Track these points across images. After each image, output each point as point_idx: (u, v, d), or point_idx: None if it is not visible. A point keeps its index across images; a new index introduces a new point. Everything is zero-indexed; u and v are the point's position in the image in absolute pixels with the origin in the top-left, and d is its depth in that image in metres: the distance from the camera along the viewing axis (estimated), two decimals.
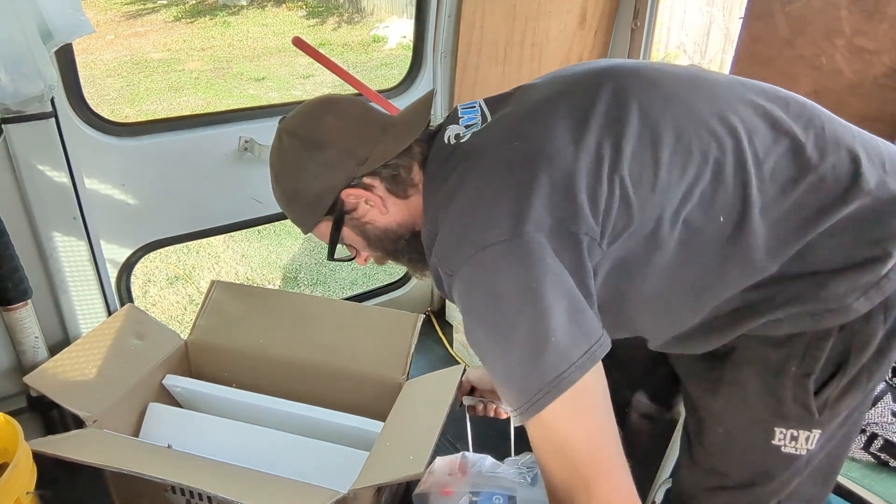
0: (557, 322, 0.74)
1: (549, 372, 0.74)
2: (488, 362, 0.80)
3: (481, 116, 0.94)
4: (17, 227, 1.32)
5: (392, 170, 0.94)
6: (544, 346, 0.74)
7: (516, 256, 0.75)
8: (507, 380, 0.78)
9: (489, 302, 0.77)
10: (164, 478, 0.99)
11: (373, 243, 1.01)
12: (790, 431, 0.90)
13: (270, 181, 1.00)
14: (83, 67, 3.82)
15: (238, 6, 7.98)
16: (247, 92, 5.81)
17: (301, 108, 0.98)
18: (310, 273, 3.27)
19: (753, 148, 0.83)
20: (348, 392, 1.40)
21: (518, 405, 0.77)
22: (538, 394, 0.74)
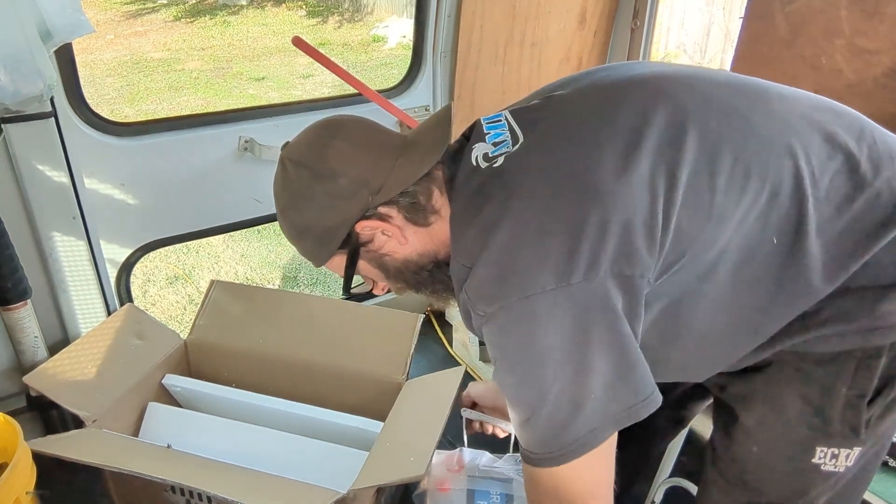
0: (601, 379, 0.71)
1: (580, 429, 0.72)
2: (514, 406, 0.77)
3: (510, 132, 0.86)
4: (17, 226, 1.32)
5: (410, 197, 0.86)
6: (581, 404, 0.71)
7: (563, 308, 0.71)
8: (531, 427, 0.75)
9: (527, 353, 0.73)
10: (163, 478, 0.99)
11: (392, 276, 0.94)
12: (832, 450, 0.86)
13: (276, 213, 0.93)
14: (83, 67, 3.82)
15: (238, 6, 7.98)
16: (247, 92, 5.81)
17: (305, 135, 0.90)
18: (310, 273, 3.26)
19: (810, 166, 0.78)
20: (348, 392, 1.40)
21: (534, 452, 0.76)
22: (560, 450, 0.73)
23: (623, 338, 0.72)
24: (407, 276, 0.94)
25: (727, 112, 0.80)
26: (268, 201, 1.67)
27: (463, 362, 2.00)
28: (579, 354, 0.71)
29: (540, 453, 0.76)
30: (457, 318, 2.10)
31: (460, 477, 1.21)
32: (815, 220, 0.77)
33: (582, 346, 0.71)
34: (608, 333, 0.71)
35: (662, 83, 0.83)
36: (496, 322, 0.75)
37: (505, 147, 0.84)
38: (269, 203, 1.73)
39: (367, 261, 0.92)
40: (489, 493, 1.18)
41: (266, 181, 1.60)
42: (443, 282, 0.92)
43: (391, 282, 0.96)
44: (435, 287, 0.95)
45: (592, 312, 0.71)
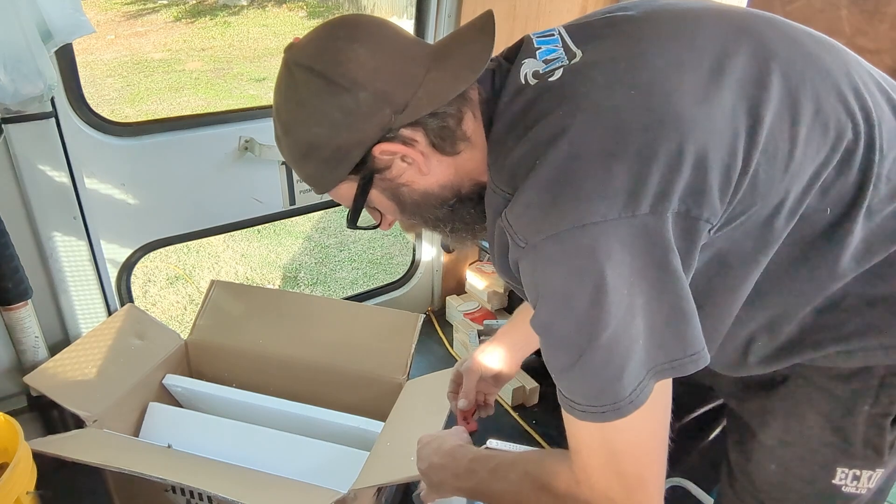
0: (651, 325, 0.63)
1: (631, 382, 0.64)
2: (556, 350, 0.67)
3: (564, 50, 0.74)
4: (17, 226, 1.32)
5: (440, 120, 0.73)
6: (632, 352, 0.63)
7: (623, 243, 0.61)
8: (577, 375, 0.66)
9: (577, 291, 0.62)
10: (164, 477, 0.99)
11: (408, 210, 0.81)
12: (853, 472, 0.81)
13: (276, 128, 0.78)
14: (83, 67, 3.82)
15: (238, 6, 7.98)
16: (247, 92, 5.81)
17: (316, 35, 0.74)
18: (310, 273, 3.26)
19: (881, 139, 0.70)
20: (348, 392, 1.40)
21: (578, 403, 0.67)
22: (610, 405, 0.65)
23: (680, 284, 0.63)
24: (424, 211, 0.81)
25: (810, 59, 0.71)
26: (268, 201, 1.68)
27: None
28: (633, 297, 0.61)
29: (584, 405, 0.66)
30: (457, 318, 2.10)
31: None
32: (869, 199, 0.69)
33: (638, 287, 0.61)
34: (667, 276, 0.62)
35: (744, 15, 0.74)
36: (542, 254, 0.64)
37: (559, 63, 0.72)
38: (269, 203, 1.74)
39: (380, 190, 0.79)
40: None
41: (267, 181, 1.60)
42: (464, 220, 0.81)
43: (404, 217, 0.83)
44: (454, 225, 0.83)
45: (654, 251, 0.62)
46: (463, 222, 0.83)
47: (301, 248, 3.49)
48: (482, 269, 2.19)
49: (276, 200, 1.69)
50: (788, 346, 0.78)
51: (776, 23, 0.75)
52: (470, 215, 0.81)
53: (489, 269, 2.18)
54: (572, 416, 0.69)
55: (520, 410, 1.77)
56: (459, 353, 2.04)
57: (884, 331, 0.74)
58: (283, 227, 3.59)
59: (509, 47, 0.81)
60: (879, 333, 0.74)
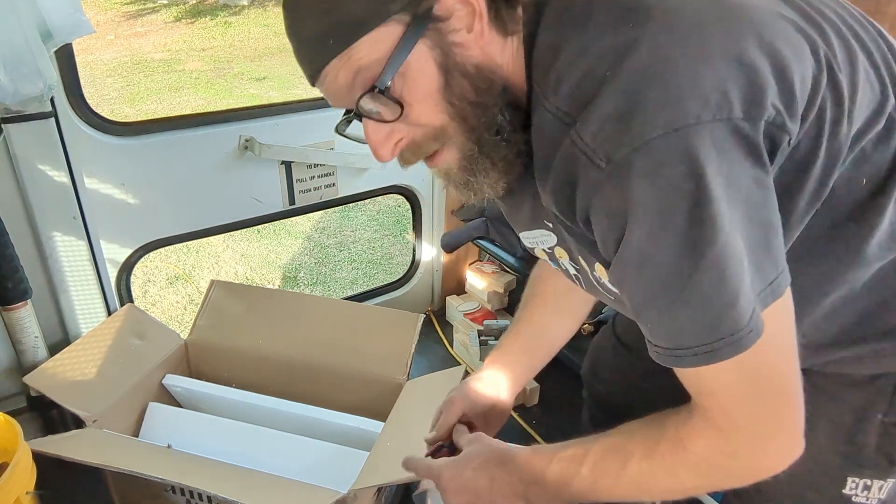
0: (751, 239, 0.56)
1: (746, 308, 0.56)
2: (655, 285, 0.58)
3: None
4: (17, 226, 1.32)
5: None
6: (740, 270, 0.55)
7: (720, 148, 0.54)
8: (684, 312, 0.57)
9: (674, 205, 0.54)
10: (164, 478, 0.99)
11: (454, 86, 0.63)
12: (864, 481, 0.79)
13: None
14: (83, 67, 3.82)
15: (239, 6, 7.98)
16: (247, 91, 5.81)
17: None
18: (310, 273, 3.26)
19: None
20: (348, 392, 1.40)
21: (689, 349, 0.58)
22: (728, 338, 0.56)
23: (772, 196, 0.57)
24: (471, 93, 0.63)
25: (849, 20, 0.67)
26: (268, 200, 1.68)
27: (463, 362, 2.00)
28: (732, 208, 0.54)
29: (696, 346, 0.58)
30: (457, 318, 2.10)
31: None
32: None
33: (735, 198, 0.55)
34: (760, 187, 0.56)
35: None
36: (630, 170, 0.55)
37: None
38: (269, 203, 1.74)
39: (428, 47, 0.62)
40: None
41: (266, 180, 1.60)
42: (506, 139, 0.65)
43: (442, 98, 0.63)
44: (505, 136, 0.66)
45: (749, 158, 0.55)
46: (504, 142, 0.66)
47: (301, 248, 3.49)
48: (482, 269, 2.19)
49: (276, 200, 1.69)
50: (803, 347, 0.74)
51: None
52: (513, 139, 0.65)
53: (489, 269, 2.18)
54: (686, 367, 0.60)
55: (520, 410, 1.77)
56: (459, 353, 2.04)
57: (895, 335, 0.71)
58: (283, 227, 3.59)
59: None
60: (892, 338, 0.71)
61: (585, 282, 0.79)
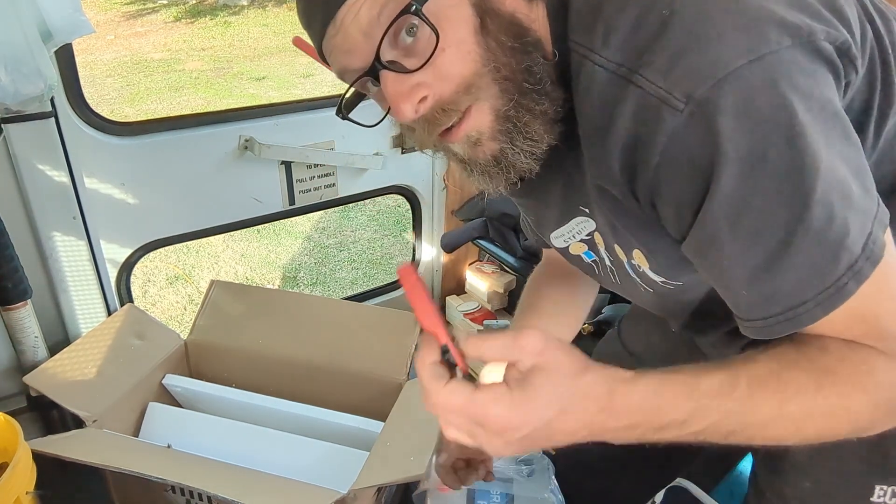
0: (853, 166, 0.53)
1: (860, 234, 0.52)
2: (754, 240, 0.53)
3: None
4: (17, 226, 1.32)
5: None
6: (847, 195, 0.52)
7: (807, 73, 0.51)
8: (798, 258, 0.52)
9: (768, 138, 0.50)
10: (164, 478, 0.98)
11: (491, 33, 0.57)
12: (892, 488, 0.78)
13: None
14: (83, 67, 3.82)
15: (239, 6, 7.98)
16: (247, 91, 5.81)
17: None
18: (309, 273, 3.26)
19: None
20: (348, 392, 1.40)
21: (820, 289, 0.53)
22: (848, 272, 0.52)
23: (850, 125, 0.54)
24: (510, 40, 0.58)
25: None
26: (268, 200, 1.68)
27: None
28: (830, 135, 0.51)
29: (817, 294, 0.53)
30: (457, 319, 2.10)
31: None
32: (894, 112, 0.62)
33: (830, 124, 0.52)
34: (840, 112, 0.53)
35: None
36: (714, 106, 0.50)
37: None
38: (269, 202, 1.74)
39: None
40: (489, 492, 1.18)
41: (266, 180, 1.60)
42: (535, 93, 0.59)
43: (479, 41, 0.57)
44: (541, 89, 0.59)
45: (837, 82, 0.53)
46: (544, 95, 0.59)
47: (301, 248, 3.49)
48: (482, 269, 2.19)
49: (276, 200, 1.69)
50: None
51: None
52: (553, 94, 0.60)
53: (489, 269, 2.18)
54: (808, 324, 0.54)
55: None
56: None
57: None
58: (283, 227, 3.59)
59: None
60: None
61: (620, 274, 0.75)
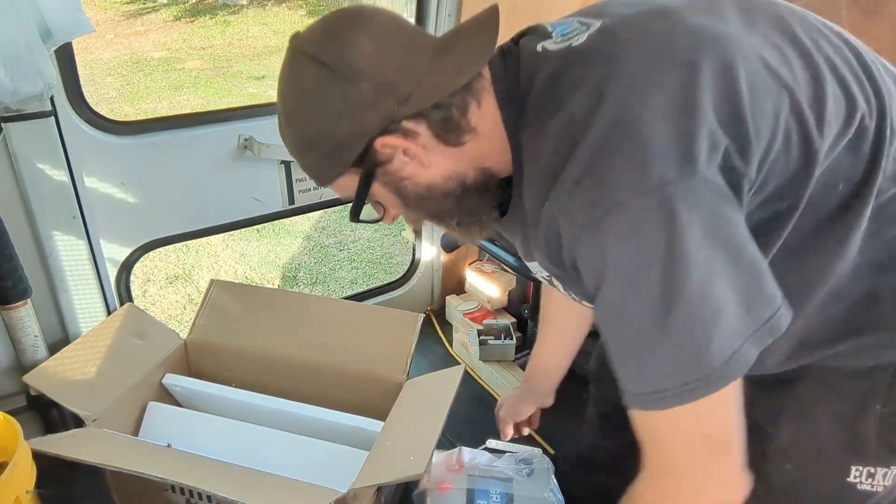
0: (734, 287, 0.59)
1: (721, 353, 0.60)
2: (630, 334, 0.63)
3: (579, 24, 0.73)
4: (17, 225, 1.32)
5: (444, 111, 0.71)
6: (718, 320, 0.59)
7: (688, 202, 0.57)
8: (659, 356, 0.62)
9: (648, 262, 0.59)
10: (163, 477, 0.98)
11: (411, 204, 0.78)
12: (867, 469, 0.81)
13: (279, 116, 0.79)
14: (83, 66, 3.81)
15: (238, 5, 7.97)
16: (247, 90, 5.81)
17: (322, 24, 0.73)
18: (309, 272, 3.26)
19: (892, 115, 0.69)
20: (348, 392, 1.40)
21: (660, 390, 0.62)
22: (699, 380, 0.60)
23: (749, 237, 0.61)
24: (429, 205, 0.78)
25: (821, 32, 0.71)
26: (267, 200, 1.68)
27: (463, 362, 2.00)
28: (710, 257, 0.58)
29: (668, 388, 0.62)
30: (456, 318, 2.10)
31: (460, 476, 1.21)
32: (879, 179, 0.67)
33: (712, 247, 0.58)
34: (737, 232, 0.60)
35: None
36: (604, 229, 0.60)
37: (578, 34, 0.70)
38: (269, 202, 1.74)
39: (382, 184, 0.77)
40: (489, 492, 1.18)
41: (266, 180, 1.60)
42: (470, 211, 0.78)
43: (408, 211, 0.80)
44: (460, 218, 0.79)
45: (721, 206, 0.59)
46: (469, 214, 0.79)
47: (300, 248, 3.48)
48: (482, 268, 2.19)
49: (276, 200, 1.69)
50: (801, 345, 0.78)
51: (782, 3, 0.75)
52: (476, 206, 0.78)
53: (489, 269, 2.18)
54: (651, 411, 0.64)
55: None
56: (459, 352, 2.04)
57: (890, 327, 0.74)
58: (283, 227, 3.59)
59: (518, 32, 0.80)
60: (888, 329, 0.74)
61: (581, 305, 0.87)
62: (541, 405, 1.33)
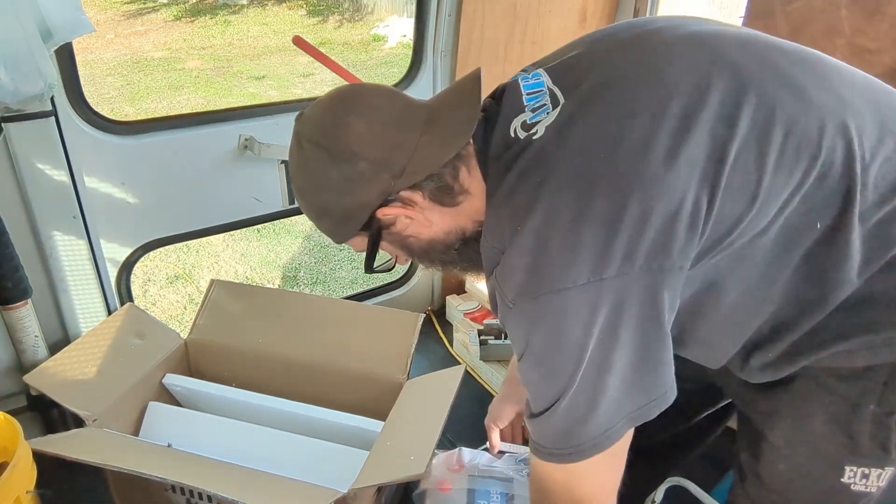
0: (620, 378, 0.70)
1: (595, 429, 0.72)
2: (533, 398, 0.77)
3: (549, 96, 0.78)
4: (17, 225, 1.32)
5: (436, 181, 0.80)
6: (598, 403, 0.71)
7: (592, 305, 0.67)
8: (546, 421, 0.75)
9: (552, 348, 0.71)
10: (164, 477, 0.98)
11: (416, 255, 0.90)
12: (861, 469, 0.82)
13: (294, 191, 0.89)
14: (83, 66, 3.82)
15: (238, 5, 7.97)
16: (247, 90, 5.81)
17: (319, 108, 0.83)
18: (309, 272, 3.26)
19: (862, 149, 0.71)
20: (348, 392, 1.40)
21: (544, 446, 0.77)
22: (574, 448, 0.73)
23: (649, 337, 0.70)
24: (433, 256, 0.89)
25: (783, 80, 0.73)
26: (267, 200, 1.68)
27: (463, 362, 2.00)
28: (603, 353, 0.69)
29: (550, 447, 0.76)
30: (457, 318, 2.10)
31: (460, 476, 1.21)
32: (859, 208, 0.71)
33: (607, 345, 0.69)
34: (635, 332, 0.69)
35: (718, 43, 0.75)
36: (523, 313, 0.72)
37: (544, 113, 0.76)
38: (269, 202, 1.74)
39: (389, 242, 0.88)
40: (489, 492, 1.18)
41: (266, 179, 1.60)
42: (471, 259, 0.88)
43: (418, 260, 0.92)
44: (463, 265, 0.91)
45: (623, 310, 0.68)
46: (470, 261, 0.88)
47: (301, 248, 3.49)
48: None
49: (276, 199, 1.69)
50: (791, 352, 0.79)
51: (750, 44, 0.76)
52: (476, 254, 0.85)
53: None
54: (537, 459, 0.78)
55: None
56: (459, 352, 2.04)
57: (885, 328, 0.74)
58: (283, 227, 3.59)
59: (498, 88, 0.85)
60: (880, 331, 0.74)
61: None
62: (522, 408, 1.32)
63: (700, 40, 0.76)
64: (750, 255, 0.72)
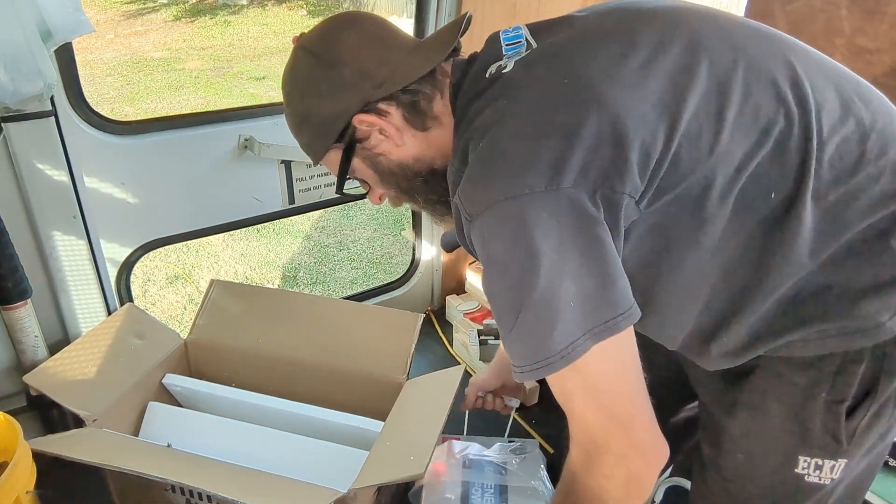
0: (580, 288, 0.69)
1: (561, 341, 0.69)
2: (499, 316, 0.75)
3: (526, 46, 0.84)
4: (17, 226, 1.32)
5: (411, 95, 0.86)
6: (560, 314, 0.69)
7: (549, 212, 0.68)
8: (516, 336, 0.73)
9: (511, 257, 0.70)
10: (163, 477, 0.98)
11: (385, 179, 0.93)
12: (815, 461, 0.83)
13: (283, 99, 0.94)
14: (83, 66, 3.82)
15: (238, 5, 7.97)
16: (247, 91, 5.81)
17: (321, 25, 0.90)
18: (309, 272, 3.27)
19: (820, 124, 0.73)
20: (348, 392, 1.40)
21: (518, 365, 0.74)
22: (543, 362, 0.71)
23: (606, 249, 0.70)
24: (400, 181, 0.93)
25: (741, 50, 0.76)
26: (267, 200, 1.68)
27: (463, 362, 2.00)
28: (561, 261, 0.68)
29: (523, 365, 0.74)
30: (457, 318, 2.10)
31: (454, 467, 1.21)
32: (813, 184, 0.72)
33: (565, 253, 0.68)
34: (593, 243, 0.69)
35: (685, 13, 0.81)
36: (482, 224, 0.72)
37: (518, 55, 0.82)
38: (269, 202, 1.74)
39: (361, 159, 0.92)
40: (483, 483, 1.18)
41: (266, 180, 1.61)
42: (436, 192, 0.92)
43: (384, 186, 0.95)
44: (427, 196, 0.94)
45: (579, 221, 0.68)
46: (435, 193, 0.93)
47: (300, 248, 3.49)
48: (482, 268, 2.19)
49: (276, 199, 1.69)
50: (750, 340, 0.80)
51: (712, 17, 0.81)
52: (443, 188, 0.90)
53: None
54: (528, 379, 0.75)
55: (520, 410, 1.77)
56: (459, 352, 2.05)
57: (839, 317, 0.76)
58: (283, 227, 3.59)
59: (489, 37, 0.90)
60: (834, 319, 0.76)
61: None
62: (506, 381, 1.34)
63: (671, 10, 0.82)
64: (705, 216, 0.73)
